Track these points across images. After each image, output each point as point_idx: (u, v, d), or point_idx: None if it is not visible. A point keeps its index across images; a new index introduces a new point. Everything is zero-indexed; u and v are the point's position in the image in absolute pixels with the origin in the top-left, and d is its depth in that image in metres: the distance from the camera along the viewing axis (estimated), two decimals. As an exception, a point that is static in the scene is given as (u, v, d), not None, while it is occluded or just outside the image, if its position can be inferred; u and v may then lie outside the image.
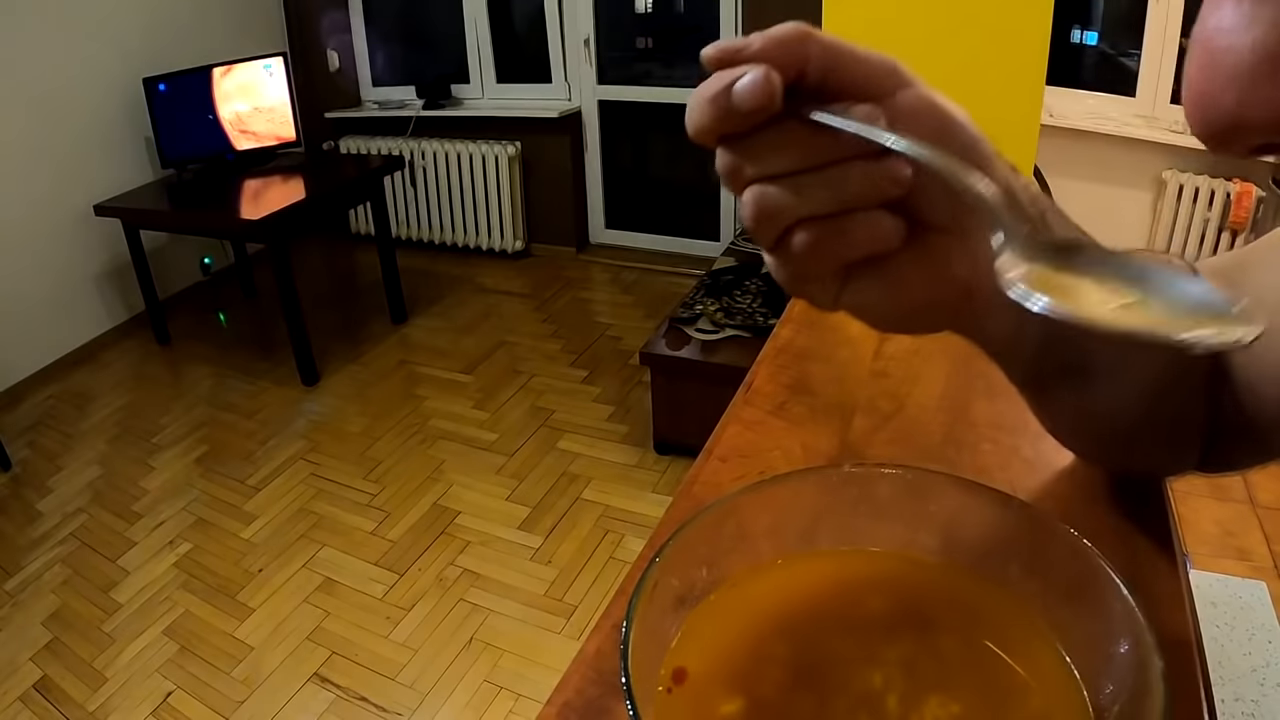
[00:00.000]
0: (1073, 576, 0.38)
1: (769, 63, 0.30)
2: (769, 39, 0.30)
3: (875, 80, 0.32)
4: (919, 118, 0.32)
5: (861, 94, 0.31)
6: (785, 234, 0.32)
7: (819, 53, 0.31)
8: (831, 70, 0.31)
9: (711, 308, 2.71)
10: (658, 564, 0.39)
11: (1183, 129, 3.18)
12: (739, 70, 0.30)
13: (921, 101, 0.32)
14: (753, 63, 0.30)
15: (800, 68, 0.31)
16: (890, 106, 0.31)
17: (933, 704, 0.37)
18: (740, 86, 0.29)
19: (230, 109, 3.65)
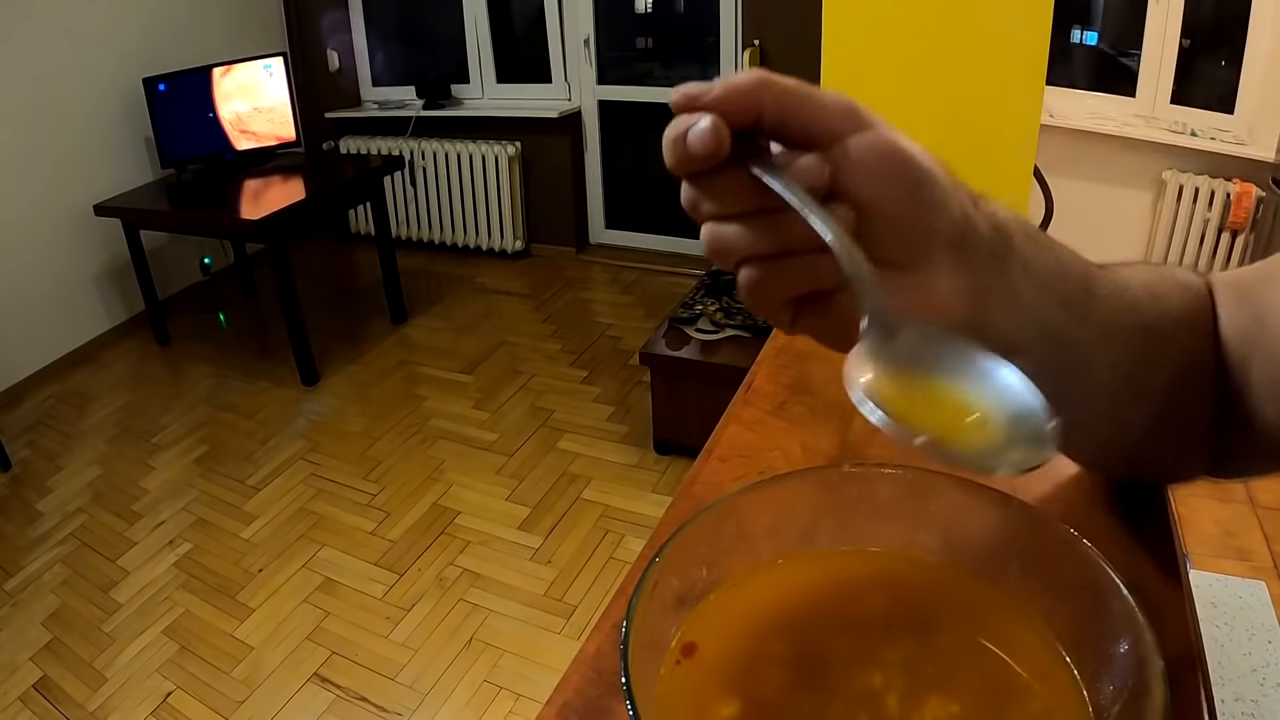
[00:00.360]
0: (1072, 576, 0.38)
1: (723, 110, 0.31)
2: (726, 87, 0.32)
3: (829, 124, 0.33)
4: (869, 162, 0.33)
5: (816, 137, 0.33)
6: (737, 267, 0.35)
7: (773, 100, 0.32)
8: (786, 116, 0.33)
9: (711, 308, 2.71)
10: (658, 564, 0.39)
11: (1183, 129, 3.18)
12: (695, 118, 0.31)
13: (874, 145, 0.33)
14: (709, 110, 0.31)
15: (755, 114, 0.32)
16: (841, 151, 0.33)
17: (933, 704, 0.37)
18: (692, 135, 0.31)
19: (230, 109, 3.65)
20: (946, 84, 1.58)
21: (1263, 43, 2.93)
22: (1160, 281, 0.46)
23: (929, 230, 0.35)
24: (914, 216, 0.34)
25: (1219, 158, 3.08)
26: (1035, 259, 0.39)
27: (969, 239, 0.36)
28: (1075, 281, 0.41)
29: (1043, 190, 1.78)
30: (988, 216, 0.37)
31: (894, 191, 0.33)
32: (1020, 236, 0.38)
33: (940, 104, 1.59)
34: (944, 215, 0.35)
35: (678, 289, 3.67)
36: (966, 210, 0.36)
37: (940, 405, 0.31)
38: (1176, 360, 0.45)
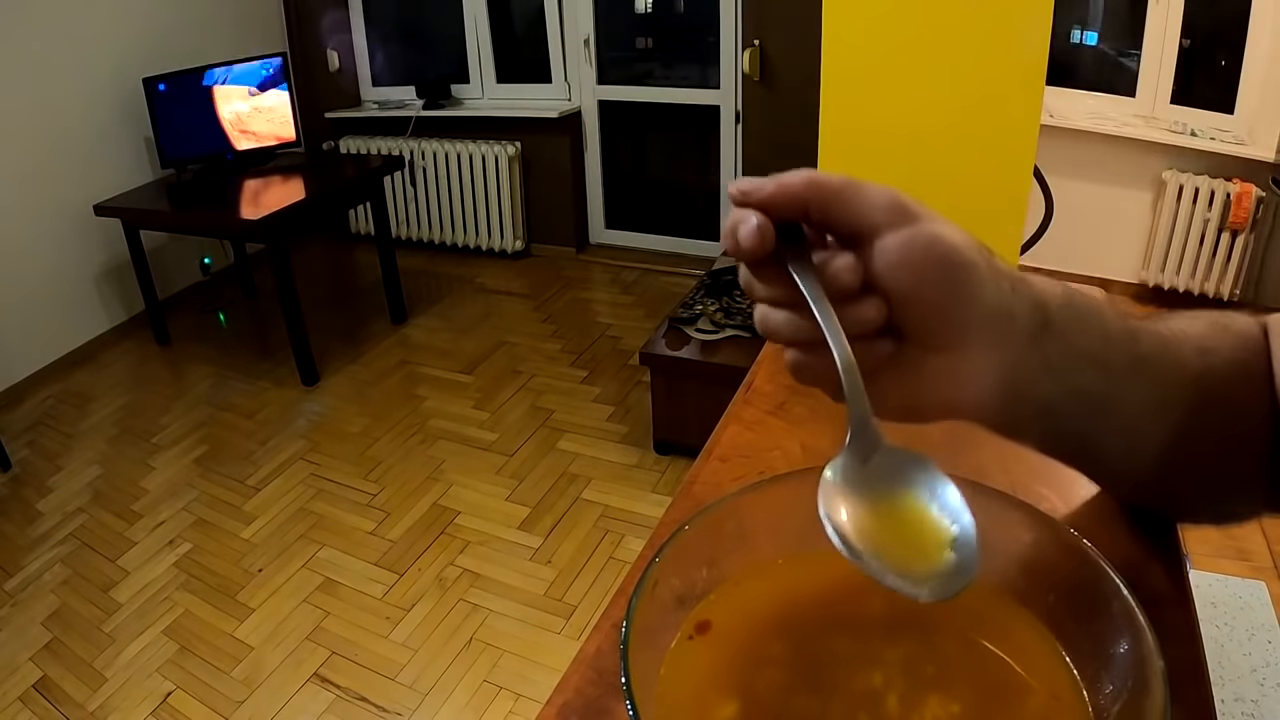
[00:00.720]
0: (1073, 576, 0.38)
1: (771, 207, 0.35)
2: (776, 187, 0.35)
3: (870, 220, 0.36)
4: (906, 257, 0.36)
5: (859, 232, 0.36)
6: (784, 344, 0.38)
7: (818, 200, 0.36)
8: (831, 214, 0.36)
9: (711, 308, 2.71)
10: (658, 564, 0.39)
11: (1183, 129, 3.18)
12: (747, 214, 0.35)
13: (911, 241, 0.36)
14: (758, 207, 0.35)
15: (802, 211, 0.36)
16: (880, 246, 0.36)
17: (932, 704, 0.37)
18: (741, 232, 0.35)
19: (230, 109, 3.65)
20: (946, 84, 1.58)
21: (1263, 43, 2.93)
22: (1213, 334, 0.45)
23: (964, 318, 0.37)
24: (949, 307, 0.37)
25: (1219, 158, 3.08)
26: (1075, 333, 0.40)
27: (1004, 324, 0.38)
28: (1119, 348, 0.42)
29: (1043, 190, 1.78)
30: (1027, 299, 0.39)
31: (929, 285, 0.36)
32: (1060, 313, 0.40)
33: (940, 104, 1.59)
34: (979, 305, 0.37)
35: (678, 289, 3.67)
36: (1003, 297, 0.38)
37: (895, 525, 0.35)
38: (1230, 414, 0.44)
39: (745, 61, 3.62)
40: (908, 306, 0.36)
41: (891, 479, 0.36)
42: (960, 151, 1.61)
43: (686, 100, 3.98)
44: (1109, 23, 3.49)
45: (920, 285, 0.36)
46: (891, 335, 0.37)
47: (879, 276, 0.36)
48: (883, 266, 0.36)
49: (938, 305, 0.37)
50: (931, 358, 0.38)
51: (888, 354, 0.37)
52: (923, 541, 0.34)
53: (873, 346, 0.37)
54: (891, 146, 1.68)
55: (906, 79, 1.61)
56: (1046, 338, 0.39)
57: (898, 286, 0.36)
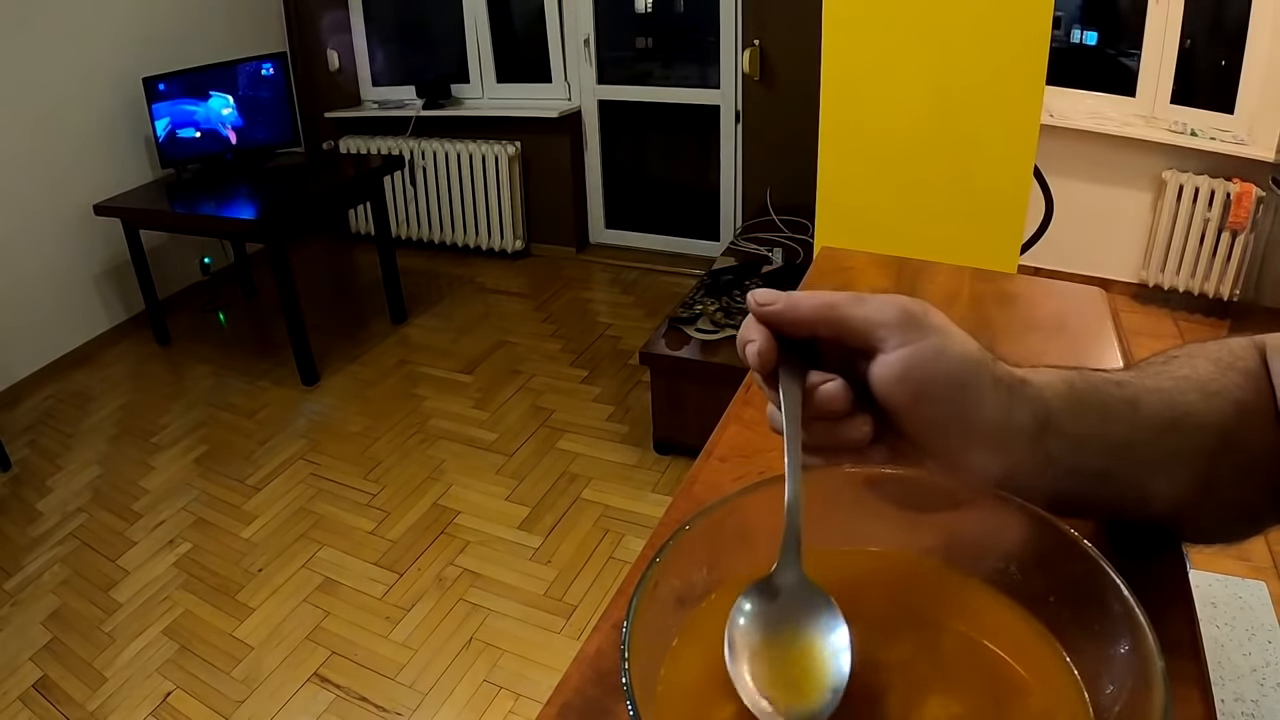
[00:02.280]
0: (1073, 576, 0.38)
1: (779, 326, 0.39)
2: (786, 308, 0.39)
3: (876, 335, 0.38)
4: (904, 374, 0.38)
5: (868, 347, 0.38)
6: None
7: (826, 319, 0.39)
8: (839, 333, 0.39)
9: (711, 308, 2.71)
10: (658, 564, 0.39)
11: (1183, 129, 3.18)
12: (754, 334, 0.39)
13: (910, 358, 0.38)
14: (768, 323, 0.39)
15: (809, 332, 0.39)
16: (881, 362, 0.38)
17: (933, 704, 0.37)
18: (747, 351, 0.39)
19: (230, 109, 3.65)
20: (947, 84, 1.58)
21: (1263, 43, 2.93)
22: (1218, 373, 0.45)
23: (963, 432, 0.39)
24: (948, 424, 0.38)
25: (1219, 158, 3.08)
26: (1075, 423, 0.41)
27: (1005, 430, 0.39)
28: (1120, 423, 0.42)
29: (1043, 190, 1.78)
30: (1028, 402, 0.40)
31: (927, 403, 0.38)
32: (1059, 408, 0.41)
33: (940, 104, 1.59)
34: (979, 416, 0.39)
35: (678, 289, 3.68)
36: (1002, 408, 0.39)
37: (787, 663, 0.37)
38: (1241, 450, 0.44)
39: (745, 61, 3.62)
40: (906, 420, 0.38)
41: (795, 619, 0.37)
42: (960, 151, 1.61)
43: (686, 100, 3.98)
44: (1109, 23, 3.49)
45: (918, 403, 0.38)
46: (885, 442, 0.40)
47: (878, 392, 0.38)
48: (881, 383, 0.38)
49: (935, 421, 0.38)
50: (931, 461, 0.40)
51: (878, 461, 0.40)
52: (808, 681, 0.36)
53: (866, 457, 0.40)
54: (891, 146, 1.68)
55: (906, 79, 1.62)
56: (1047, 436, 0.40)
57: (895, 402, 0.38)
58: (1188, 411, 0.43)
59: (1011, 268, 1.63)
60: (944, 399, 0.38)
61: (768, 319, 0.39)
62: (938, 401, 0.38)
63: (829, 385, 0.38)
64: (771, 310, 0.38)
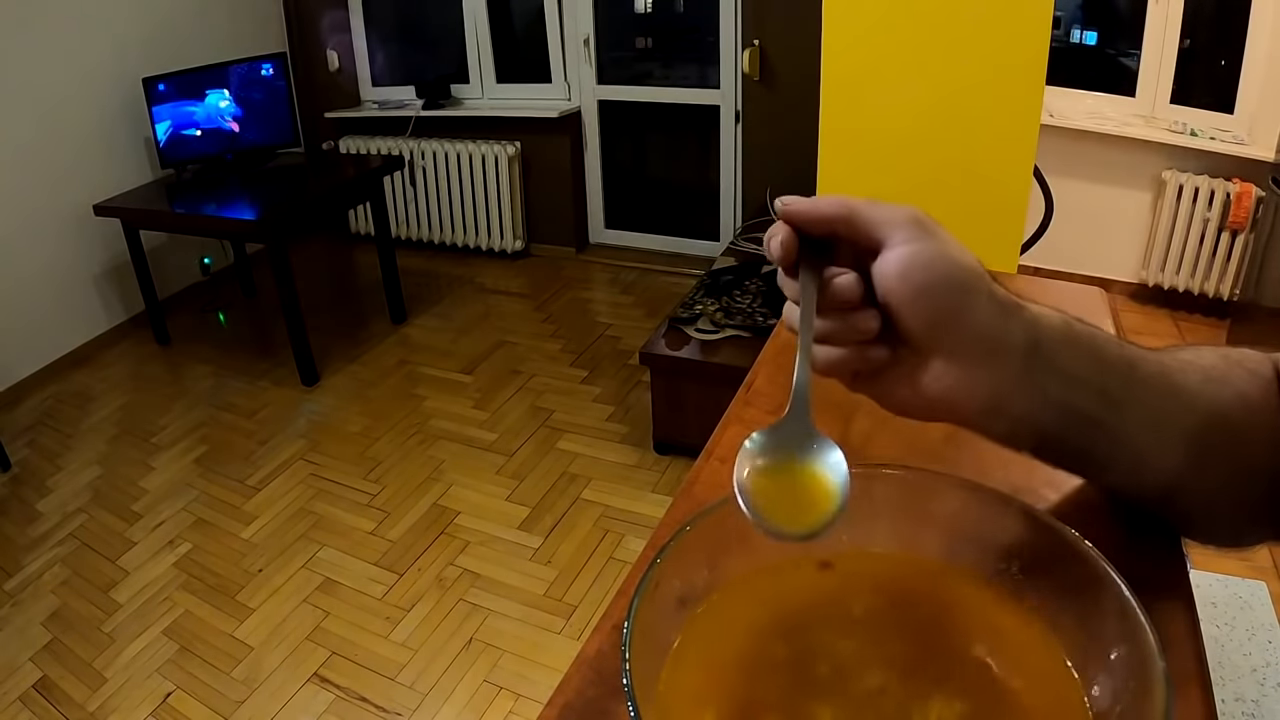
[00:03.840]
0: (1073, 577, 0.38)
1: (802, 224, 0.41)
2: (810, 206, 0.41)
3: (884, 236, 0.40)
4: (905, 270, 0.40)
5: (875, 245, 0.41)
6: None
7: (844, 218, 0.41)
8: (854, 231, 0.41)
9: (711, 308, 2.71)
10: (659, 565, 0.39)
11: (1183, 129, 3.18)
12: (779, 229, 0.41)
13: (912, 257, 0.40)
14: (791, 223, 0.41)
15: (830, 231, 0.41)
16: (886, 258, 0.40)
17: (934, 705, 0.37)
18: (771, 245, 0.42)
19: (229, 109, 3.65)
20: (946, 84, 1.58)
21: (1263, 43, 2.93)
22: (1224, 365, 0.46)
23: (955, 334, 0.41)
24: (941, 321, 0.40)
25: (1219, 158, 3.08)
26: (1067, 358, 0.42)
27: (995, 345, 0.41)
28: (1116, 373, 0.43)
29: (1043, 190, 1.78)
30: (1022, 322, 0.42)
31: (923, 298, 0.40)
32: (1052, 339, 0.42)
33: (940, 104, 1.59)
34: (970, 324, 0.41)
35: (678, 289, 3.68)
36: (995, 321, 0.41)
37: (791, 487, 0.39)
38: (1240, 444, 0.45)
39: (745, 61, 3.62)
40: (904, 315, 0.40)
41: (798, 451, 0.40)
42: (960, 151, 1.61)
43: (686, 100, 3.98)
44: (1109, 23, 3.49)
45: (914, 298, 0.40)
46: (888, 344, 0.42)
47: (880, 284, 0.40)
48: (883, 277, 0.40)
49: (929, 318, 0.40)
50: (927, 365, 0.41)
51: (879, 360, 0.42)
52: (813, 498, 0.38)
53: (868, 351, 0.42)
54: (891, 146, 1.68)
55: (907, 79, 1.61)
56: (1037, 362, 0.41)
57: (894, 297, 0.40)
58: (1184, 387, 0.44)
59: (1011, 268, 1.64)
60: (941, 298, 0.40)
61: (791, 217, 0.41)
62: (935, 300, 0.40)
63: (844, 277, 0.41)
64: (795, 209, 0.41)
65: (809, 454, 0.39)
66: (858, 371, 0.43)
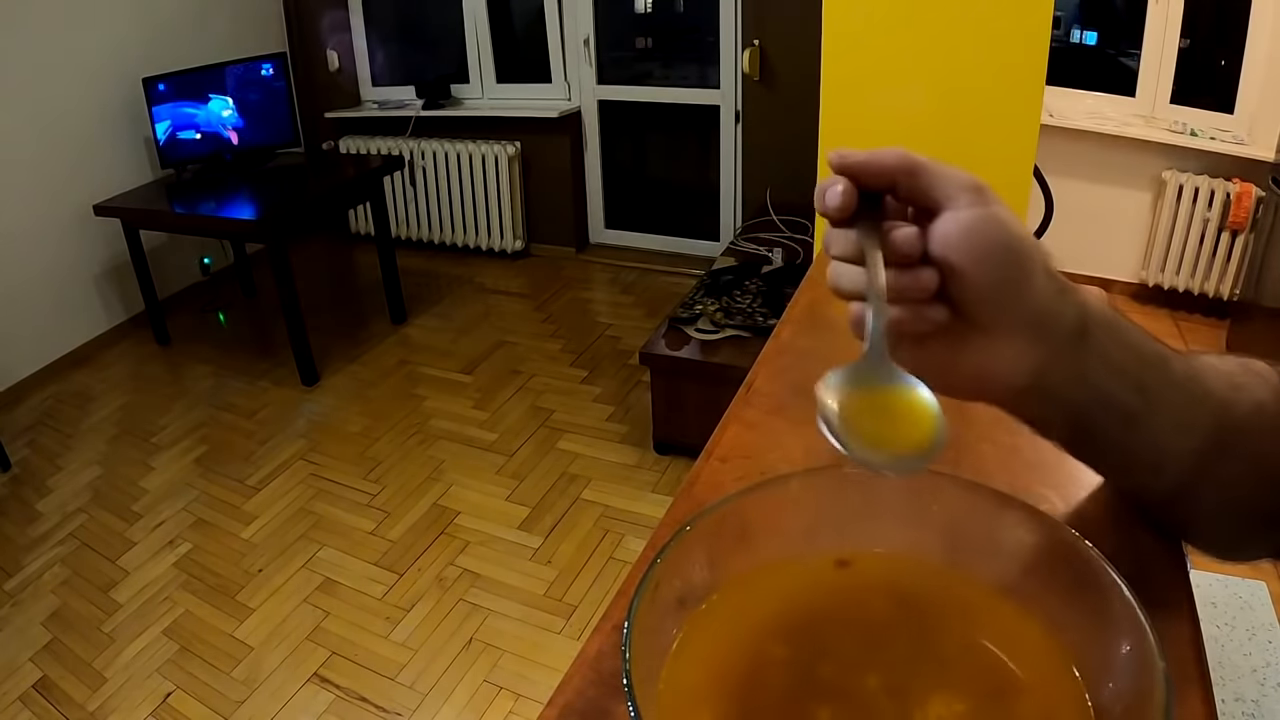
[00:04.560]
0: (1074, 577, 0.38)
1: (861, 175, 0.39)
2: (869, 157, 0.39)
3: (947, 196, 0.39)
4: (968, 234, 0.38)
5: (936, 204, 0.39)
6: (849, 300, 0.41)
7: (905, 174, 0.39)
8: (914, 185, 0.39)
9: (711, 308, 2.71)
10: (659, 565, 0.39)
11: (1183, 129, 3.18)
12: (835, 180, 0.39)
13: (975, 221, 0.39)
14: (850, 173, 0.39)
15: (889, 183, 0.39)
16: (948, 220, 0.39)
17: (935, 705, 0.37)
18: (828, 194, 0.39)
19: (229, 109, 3.65)
20: (946, 84, 1.58)
21: (1263, 43, 2.93)
22: (1243, 373, 0.46)
23: (1010, 304, 0.40)
24: (999, 289, 0.39)
25: (1219, 158, 3.08)
26: (1112, 346, 0.42)
27: (1048, 321, 0.40)
28: (1154, 368, 0.43)
29: (1043, 190, 1.78)
30: (1075, 305, 0.41)
31: (985, 264, 0.39)
32: (1100, 324, 0.42)
33: (940, 104, 1.59)
34: (1026, 295, 0.40)
35: (678, 289, 3.67)
36: (1050, 296, 0.40)
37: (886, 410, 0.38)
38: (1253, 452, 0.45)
39: (745, 61, 3.62)
40: (962, 281, 0.39)
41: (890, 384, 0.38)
42: (960, 151, 1.60)
43: (686, 100, 3.98)
44: (1109, 23, 3.49)
45: (977, 262, 0.38)
46: (944, 306, 0.40)
47: (941, 247, 0.39)
48: (945, 238, 0.38)
49: (989, 285, 0.39)
50: (974, 336, 0.40)
51: (937, 320, 0.40)
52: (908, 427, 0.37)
53: (925, 311, 0.39)
54: (891, 146, 1.68)
55: (907, 79, 1.61)
56: (1084, 345, 0.41)
57: (956, 259, 0.38)
58: (1212, 392, 0.44)
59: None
60: (1000, 266, 0.39)
61: (850, 168, 0.39)
62: (995, 267, 0.39)
63: (905, 229, 0.39)
64: (856, 160, 0.39)
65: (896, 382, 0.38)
66: (903, 336, 0.41)
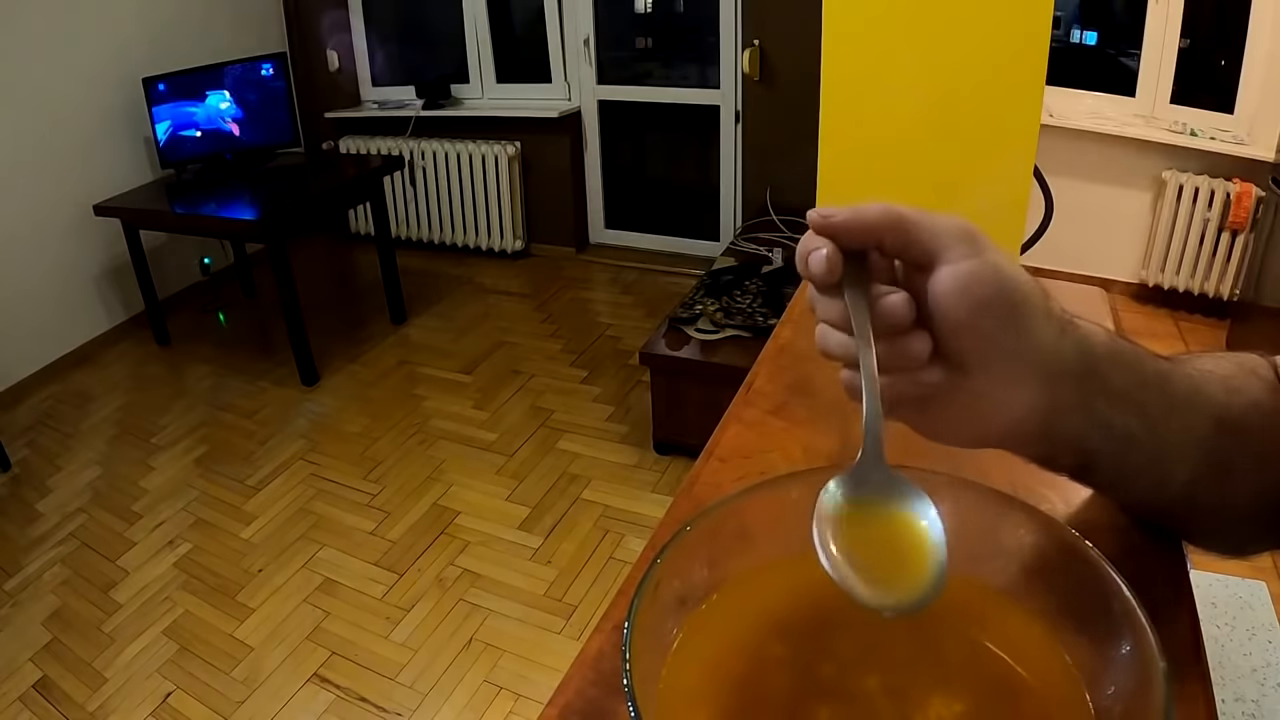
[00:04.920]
0: (1074, 577, 0.38)
1: (845, 236, 0.37)
2: (853, 217, 0.37)
3: (939, 250, 0.37)
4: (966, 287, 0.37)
5: (927, 259, 0.38)
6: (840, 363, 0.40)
7: (892, 227, 0.37)
8: (903, 242, 0.38)
9: (711, 308, 2.71)
10: (659, 565, 0.39)
11: (1183, 129, 3.18)
12: (819, 242, 0.37)
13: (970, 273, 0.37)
14: (835, 234, 0.37)
15: (875, 242, 0.38)
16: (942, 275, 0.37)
17: (935, 705, 0.37)
18: (811, 260, 0.37)
19: (229, 109, 3.65)
20: (946, 84, 1.58)
21: (1263, 43, 2.93)
22: (1239, 374, 0.46)
23: (1014, 353, 0.38)
24: (1001, 340, 0.38)
25: (1219, 158, 3.08)
26: (1115, 376, 0.41)
27: (1053, 365, 0.39)
28: (1154, 389, 0.43)
29: (1043, 190, 1.78)
30: (1076, 341, 0.40)
31: (985, 316, 0.37)
32: (1104, 357, 0.41)
33: (940, 104, 1.59)
34: (1030, 343, 0.38)
35: (678, 289, 3.67)
36: (1054, 339, 0.39)
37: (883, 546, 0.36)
38: (1254, 454, 0.45)
39: (745, 61, 3.62)
40: (961, 335, 0.37)
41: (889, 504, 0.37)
42: (960, 151, 1.60)
43: (686, 100, 3.98)
44: (1109, 23, 3.49)
45: (978, 315, 0.37)
46: (940, 366, 0.39)
47: (938, 303, 0.37)
48: (945, 294, 0.37)
49: (991, 337, 0.38)
50: (977, 389, 0.39)
51: (933, 383, 0.39)
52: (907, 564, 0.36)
53: (920, 376, 0.38)
54: (891, 146, 1.68)
55: (907, 79, 1.61)
56: (1090, 382, 0.40)
57: (955, 314, 0.37)
58: (1211, 400, 0.44)
59: (1012, 268, 1.63)
60: (1002, 316, 0.37)
61: (833, 229, 0.37)
62: (995, 318, 0.37)
63: (894, 296, 0.37)
64: (837, 221, 0.37)
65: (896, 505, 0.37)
66: (901, 399, 0.39)
